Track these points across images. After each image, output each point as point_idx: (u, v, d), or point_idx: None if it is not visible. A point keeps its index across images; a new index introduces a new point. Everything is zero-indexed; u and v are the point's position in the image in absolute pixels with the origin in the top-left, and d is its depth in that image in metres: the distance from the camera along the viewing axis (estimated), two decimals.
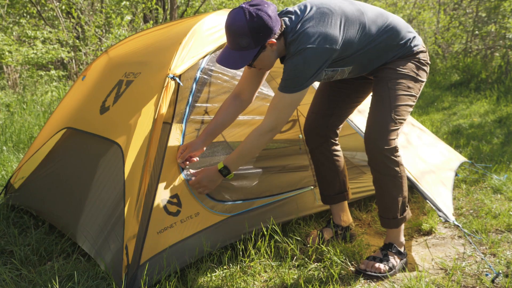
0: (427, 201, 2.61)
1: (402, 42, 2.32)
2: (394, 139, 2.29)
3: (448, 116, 6.41)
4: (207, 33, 2.47)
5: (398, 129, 2.30)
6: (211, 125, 2.40)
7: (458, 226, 2.60)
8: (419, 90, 2.40)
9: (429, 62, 2.43)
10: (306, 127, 2.64)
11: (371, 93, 2.43)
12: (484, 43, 9.40)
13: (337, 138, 2.64)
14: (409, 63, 2.34)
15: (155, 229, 2.13)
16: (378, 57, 2.32)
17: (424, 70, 2.40)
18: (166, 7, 9.90)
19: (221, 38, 2.49)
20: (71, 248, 2.51)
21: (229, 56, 2.11)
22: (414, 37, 2.37)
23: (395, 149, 2.29)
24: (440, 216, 2.57)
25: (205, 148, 2.40)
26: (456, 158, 3.67)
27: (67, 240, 2.54)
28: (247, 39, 2.04)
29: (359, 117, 2.82)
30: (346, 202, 2.72)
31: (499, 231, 2.79)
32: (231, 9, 2.75)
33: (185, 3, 10.77)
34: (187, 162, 2.32)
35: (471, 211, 3.10)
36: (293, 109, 2.20)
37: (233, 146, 4.33)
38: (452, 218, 2.58)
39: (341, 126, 2.63)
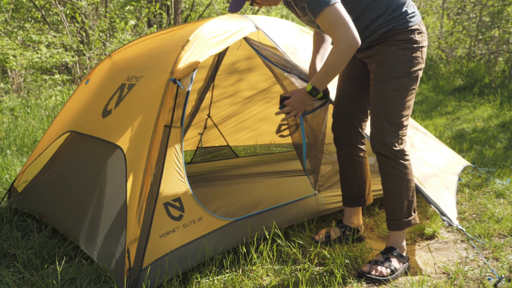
0: (431, 205, 2.61)
1: (400, 9, 2.27)
2: (397, 140, 2.31)
3: (451, 121, 6.39)
4: (209, 37, 2.47)
5: (399, 130, 2.31)
6: (312, 69, 2.56)
7: (462, 230, 2.59)
8: (418, 80, 2.33)
9: (424, 44, 2.32)
10: (332, 130, 2.65)
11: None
12: (487, 48, 9.39)
13: (363, 140, 2.63)
14: (402, 55, 2.27)
15: (158, 233, 2.13)
16: (372, 12, 2.26)
17: (418, 57, 2.30)
18: (170, 12, 9.94)
19: (224, 42, 2.49)
20: (73, 252, 2.52)
21: (234, 2, 2.25)
22: (413, 12, 2.30)
23: (400, 152, 2.32)
24: (444, 220, 2.57)
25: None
26: (459, 162, 3.66)
27: (69, 244, 2.55)
28: None
29: None
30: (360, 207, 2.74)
31: (502, 236, 2.78)
32: (234, 15, 2.77)
33: (189, 8, 10.81)
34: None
35: (474, 215, 3.10)
36: (346, 16, 2.12)
37: (236, 151, 4.36)
38: (456, 222, 2.57)
39: (364, 124, 2.61)
